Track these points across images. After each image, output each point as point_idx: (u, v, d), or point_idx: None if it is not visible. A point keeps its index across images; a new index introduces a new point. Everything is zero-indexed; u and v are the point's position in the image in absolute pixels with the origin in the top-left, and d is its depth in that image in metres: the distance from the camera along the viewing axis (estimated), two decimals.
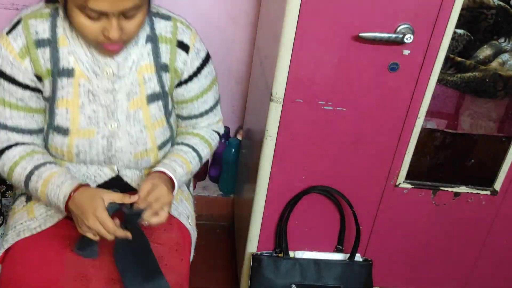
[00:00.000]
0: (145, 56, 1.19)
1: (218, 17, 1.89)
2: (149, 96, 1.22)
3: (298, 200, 1.55)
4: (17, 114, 1.17)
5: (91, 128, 1.20)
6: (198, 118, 1.34)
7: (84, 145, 1.21)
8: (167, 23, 1.21)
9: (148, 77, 1.20)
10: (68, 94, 1.16)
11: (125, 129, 1.22)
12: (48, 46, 1.13)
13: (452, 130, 1.65)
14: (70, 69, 1.15)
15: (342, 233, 1.64)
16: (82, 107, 1.18)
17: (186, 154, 1.30)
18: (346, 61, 1.33)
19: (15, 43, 1.11)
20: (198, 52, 1.25)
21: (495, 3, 1.70)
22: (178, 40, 1.21)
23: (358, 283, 1.65)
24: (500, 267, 1.79)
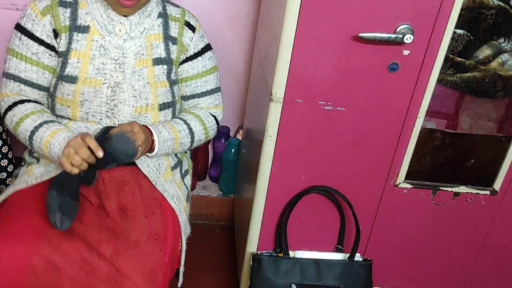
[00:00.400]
0: (155, 27, 1.35)
1: (218, 17, 1.89)
2: (154, 59, 1.34)
3: (298, 200, 1.55)
4: (31, 68, 1.30)
5: (98, 77, 1.30)
6: (199, 98, 1.46)
7: (89, 93, 1.30)
8: (177, 8, 1.40)
9: (156, 44, 1.35)
10: (82, 46, 1.29)
11: (130, 82, 1.32)
12: (70, 7, 1.29)
13: (452, 130, 1.65)
14: (86, 26, 1.29)
15: (342, 233, 1.64)
16: (92, 59, 1.29)
17: (176, 123, 1.40)
18: (346, 61, 1.33)
19: (40, 3, 1.28)
20: (202, 36, 1.43)
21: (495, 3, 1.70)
22: (186, 20, 1.40)
23: (358, 283, 1.65)
24: (500, 267, 1.79)
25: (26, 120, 1.27)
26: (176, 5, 1.41)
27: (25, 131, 1.27)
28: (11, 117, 1.29)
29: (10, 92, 1.32)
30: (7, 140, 1.76)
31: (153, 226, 1.29)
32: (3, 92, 1.33)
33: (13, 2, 1.78)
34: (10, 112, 1.30)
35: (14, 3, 1.78)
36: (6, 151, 1.76)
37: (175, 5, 1.41)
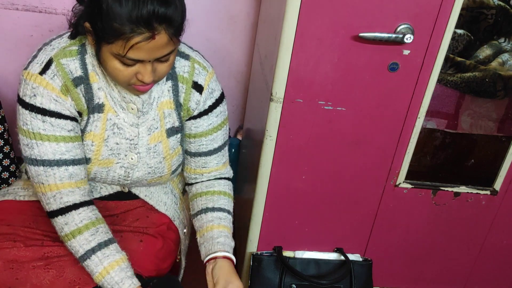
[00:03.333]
0: (165, 93, 1.22)
1: (218, 17, 1.89)
2: (168, 130, 1.25)
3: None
4: (72, 146, 1.15)
5: (112, 158, 1.22)
6: (207, 157, 1.33)
7: (101, 173, 1.24)
8: (185, 63, 1.23)
9: (168, 112, 1.24)
10: (96, 128, 1.18)
11: (145, 161, 1.25)
12: (83, 84, 1.14)
13: (452, 130, 1.65)
14: (101, 104, 1.17)
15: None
16: (107, 139, 1.20)
17: (225, 221, 1.30)
18: (346, 61, 1.33)
19: (54, 82, 1.11)
20: (212, 92, 1.27)
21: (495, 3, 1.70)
22: (194, 81, 1.23)
23: (358, 283, 1.65)
24: (500, 267, 1.79)
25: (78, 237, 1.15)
26: (186, 56, 1.24)
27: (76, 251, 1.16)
28: (62, 225, 1.16)
29: (60, 182, 1.15)
30: (8, 139, 1.77)
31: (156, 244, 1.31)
32: (51, 184, 1.15)
33: (12, 2, 1.78)
34: (61, 219, 1.16)
35: (14, 3, 1.78)
36: (8, 151, 1.76)
37: (185, 56, 1.24)
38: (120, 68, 1.05)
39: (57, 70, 1.10)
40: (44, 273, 1.14)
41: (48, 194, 1.15)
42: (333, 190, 1.55)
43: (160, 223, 1.35)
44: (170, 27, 1.01)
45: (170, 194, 1.41)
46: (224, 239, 1.26)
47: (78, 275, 1.16)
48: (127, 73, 1.06)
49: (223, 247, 1.24)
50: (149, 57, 1.03)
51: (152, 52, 1.02)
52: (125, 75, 1.06)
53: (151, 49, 1.02)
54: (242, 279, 1.75)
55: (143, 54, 1.02)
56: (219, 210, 1.32)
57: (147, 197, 1.37)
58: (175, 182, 1.44)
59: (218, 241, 1.25)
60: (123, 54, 1.01)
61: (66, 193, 1.16)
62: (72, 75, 1.12)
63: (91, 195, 1.28)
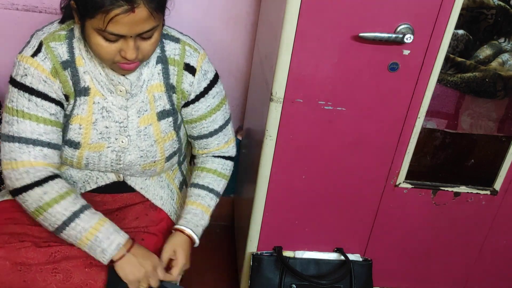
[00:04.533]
0: (155, 76, 1.23)
1: (218, 18, 1.89)
2: (159, 113, 1.26)
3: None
4: (51, 129, 1.18)
5: (102, 142, 1.23)
6: (208, 138, 1.37)
7: (93, 158, 1.25)
8: (175, 46, 1.24)
9: (158, 95, 1.24)
10: (83, 111, 1.20)
11: (136, 144, 1.25)
12: (69, 67, 1.17)
13: (452, 130, 1.65)
14: (87, 87, 1.18)
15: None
16: (95, 123, 1.21)
17: (204, 199, 1.36)
18: (346, 61, 1.33)
19: (45, 64, 1.15)
20: (205, 74, 1.28)
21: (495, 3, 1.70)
22: (185, 63, 1.25)
23: (358, 283, 1.65)
24: (500, 267, 1.79)
25: (62, 202, 1.16)
26: (176, 39, 1.25)
27: (61, 214, 1.16)
28: (40, 195, 1.16)
29: (34, 160, 1.16)
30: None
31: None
32: (25, 161, 1.15)
33: (12, 2, 1.78)
34: (39, 189, 1.16)
35: (13, 3, 1.78)
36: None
37: (175, 39, 1.25)
38: (103, 44, 1.06)
39: (47, 53, 1.14)
40: (51, 277, 1.14)
41: (21, 170, 1.15)
42: (333, 190, 1.55)
43: (159, 220, 1.35)
44: (151, 1, 1.02)
45: (166, 189, 1.40)
46: (191, 216, 1.32)
47: (85, 281, 1.16)
48: (110, 49, 1.07)
49: (186, 223, 1.31)
50: (129, 31, 1.03)
51: (132, 26, 1.02)
52: (108, 51, 1.07)
53: (131, 23, 1.02)
54: (242, 279, 1.75)
55: (123, 28, 1.02)
56: (201, 187, 1.37)
57: (142, 189, 1.36)
58: (171, 176, 1.43)
59: (185, 217, 1.32)
60: (104, 28, 1.02)
61: (40, 169, 1.17)
62: (61, 59, 1.15)
63: (88, 186, 1.32)
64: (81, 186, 1.33)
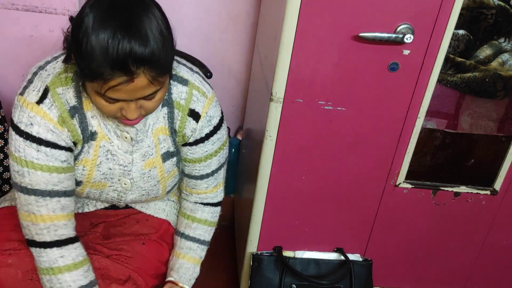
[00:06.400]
0: (160, 119, 1.18)
1: (218, 17, 1.89)
2: (163, 155, 1.22)
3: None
4: (64, 177, 1.12)
5: (104, 182, 1.21)
6: (198, 180, 1.31)
7: (94, 193, 1.23)
8: (183, 89, 1.17)
9: (163, 138, 1.20)
10: (89, 155, 1.16)
11: (139, 185, 1.23)
12: (77, 113, 1.11)
13: (452, 130, 1.65)
14: (94, 132, 1.14)
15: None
16: (99, 165, 1.18)
17: (195, 252, 1.35)
18: (346, 61, 1.33)
19: (51, 113, 1.07)
20: (210, 120, 1.21)
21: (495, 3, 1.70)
22: (190, 109, 1.18)
23: (358, 283, 1.65)
24: (500, 267, 1.79)
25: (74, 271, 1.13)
26: (184, 81, 1.17)
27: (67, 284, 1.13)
28: (56, 257, 1.13)
29: (54, 214, 1.12)
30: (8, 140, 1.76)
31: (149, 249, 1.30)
32: (44, 215, 1.11)
33: (13, 2, 1.78)
34: (57, 251, 1.13)
35: (14, 3, 1.78)
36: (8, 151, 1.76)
37: (183, 82, 1.17)
38: (104, 104, 1.01)
39: (54, 100, 1.07)
40: None
41: (41, 225, 1.11)
42: (333, 190, 1.55)
43: (159, 227, 1.35)
44: (151, 70, 0.95)
45: (168, 201, 1.41)
46: (184, 271, 1.32)
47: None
48: (111, 108, 1.02)
49: (179, 278, 1.31)
50: (130, 97, 0.99)
51: (133, 93, 0.98)
52: (109, 110, 1.03)
53: (131, 91, 0.97)
54: (242, 279, 1.75)
55: (123, 95, 0.97)
56: (192, 239, 1.35)
57: (143, 208, 1.37)
58: (173, 192, 1.44)
59: (178, 272, 1.32)
60: (102, 93, 0.97)
61: (61, 226, 1.13)
62: (68, 105, 1.09)
63: (86, 208, 1.32)
64: (80, 207, 1.32)
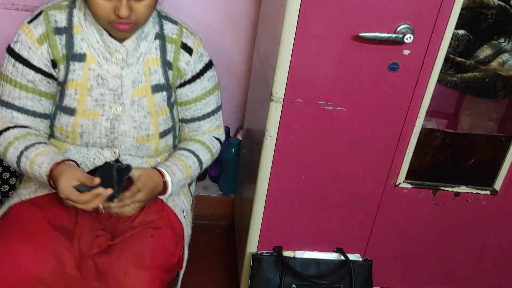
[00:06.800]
0: (152, 50, 1.28)
1: (218, 18, 1.89)
2: (153, 86, 1.29)
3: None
4: (26, 95, 1.24)
5: (97, 110, 1.26)
6: (200, 121, 1.40)
7: (88, 126, 1.27)
8: (174, 26, 1.31)
9: (154, 69, 1.28)
10: (79, 77, 1.24)
11: (129, 113, 1.28)
12: (65, 34, 1.22)
13: (452, 130, 1.65)
14: (83, 54, 1.23)
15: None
16: (90, 90, 1.25)
17: (186, 158, 1.36)
18: (346, 61, 1.33)
19: (35, 30, 1.21)
20: (201, 57, 1.34)
21: (495, 3, 1.70)
22: (183, 42, 1.31)
23: (358, 283, 1.65)
24: (500, 267, 1.79)
25: (10, 149, 1.22)
26: (174, 21, 1.32)
27: (12, 162, 1.23)
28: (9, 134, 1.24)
29: (1, 120, 1.26)
30: None
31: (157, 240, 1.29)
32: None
33: (12, 2, 1.78)
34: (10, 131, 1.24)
35: (14, 3, 1.78)
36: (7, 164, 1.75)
37: (173, 21, 1.31)
38: (100, 2, 1.12)
39: (43, 20, 1.21)
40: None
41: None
42: (333, 190, 1.55)
43: (160, 209, 1.35)
44: None
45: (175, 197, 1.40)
46: (171, 164, 1.32)
47: None
48: (105, 7, 1.12)
49: (165, 167, 1.30)
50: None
51: None
52: (104, 9, 1.12)
53: None
54: (242, 279, 1.75)
55: None
56: (186, 150, 1.38)
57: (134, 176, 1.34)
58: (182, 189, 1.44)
59: (166, 163, 1.33)
60: None
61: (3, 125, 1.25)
62: (56, 24, 1.21)
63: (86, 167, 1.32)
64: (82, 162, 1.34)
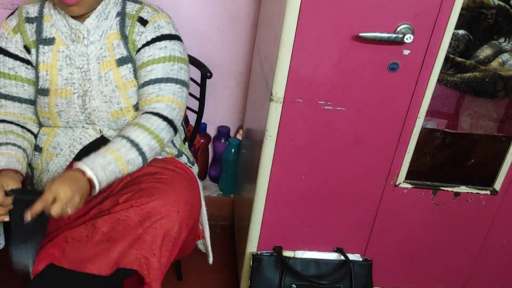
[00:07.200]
0: (113, 26, 1.35)
1: (218, 17, 1.89)
2: (118, 60, 1.35)
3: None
4: (9, 83, 1.34)
5: (68, 88, 1.34)
6: (143, 87, 1.34)
7: (62, 104, 1.35)
8: (136, 5, 1.38)
9: (117, 43, 1.35)
10: (48, 58, 1.34)
11: (98, 88, 1.34)
12: (35, 22, 1.34)
13: (452, 130, 1.65)
14: (51, 38, 1.34)
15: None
16: (60, 70, 1.34)
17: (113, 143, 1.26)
18: (346, 61, 1.33)
19: (10, 22, 1.35)
20: (159, 28, 1.36)
21: (495, 3, 1.70)
22: (139, 16, 1.36)
23: (358, 283, 1.65)
24: (500, 267, 1.79)
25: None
26: (139, 2, 1.39)
27: None
28: None
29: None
30: None
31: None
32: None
33: (12, 2, 1.78)
34: None
35: (14, 3, 1.78)
36: None
37: (137, 2, 1.39)
38: None
39: (17, 14, 1.35)
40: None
41: None
42: (333, 190, 1.55)
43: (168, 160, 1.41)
44: None
45: None
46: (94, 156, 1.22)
47: None
48: None
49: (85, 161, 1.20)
50: None
51: None
52: None
53: None
54: (242, 279, 1.75)
55: None
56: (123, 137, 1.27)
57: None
58: None
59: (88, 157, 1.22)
60: None
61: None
62: (27, 15, 1.34)
63: (75, 149, 1.37)
64: (69, 152, 1.38)
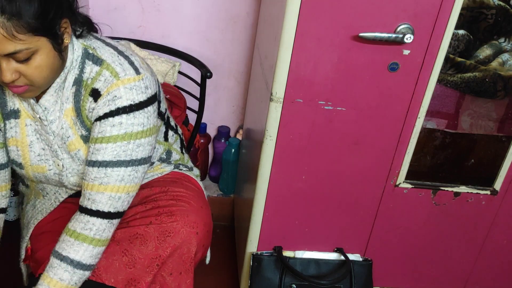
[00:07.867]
0: (69, 99, 1.14)
1: (218, 17, 1.89)
2: (83, 137, 1.17)
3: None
4: None
5: (42, 164, 1.22)
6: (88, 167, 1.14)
7: (40, 177, 1.24)
8: (95, 69, 1.12)
9: (75, 120, 1.16)
10: (16, 134, 1.19)
11: (72, 167, 1.21)
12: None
13: (452, 130, 1.65)
14: (16, 109, 1.17)
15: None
16: (31, 145, 1.19)
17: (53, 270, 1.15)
18: (346, 61, 1.33)
19: None
20: (114, 100, 1.09)
21: (495, 3, 1.70)
22: (93, 88, 1.11)
23: (358, 283, 1.65)
24: (500, 267, 1.79)
25: None
26: (99, 61, 1.11)
27: None
28: None
29: None
30: None
31: None
32: None
33: None
34: None
35: None
36: None
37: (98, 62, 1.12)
38: None
39: None
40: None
41: None
42: (333, 190, 1.55)
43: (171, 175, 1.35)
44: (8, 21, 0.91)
45: None
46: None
47: None
48: None
49: None
50: None
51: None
52: None
53: None
54: (242, 279, 1.75)
55: None
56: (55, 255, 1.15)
57: None
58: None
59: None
60: None
61: None
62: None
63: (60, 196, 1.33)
64: (54, 199, 1.33)
